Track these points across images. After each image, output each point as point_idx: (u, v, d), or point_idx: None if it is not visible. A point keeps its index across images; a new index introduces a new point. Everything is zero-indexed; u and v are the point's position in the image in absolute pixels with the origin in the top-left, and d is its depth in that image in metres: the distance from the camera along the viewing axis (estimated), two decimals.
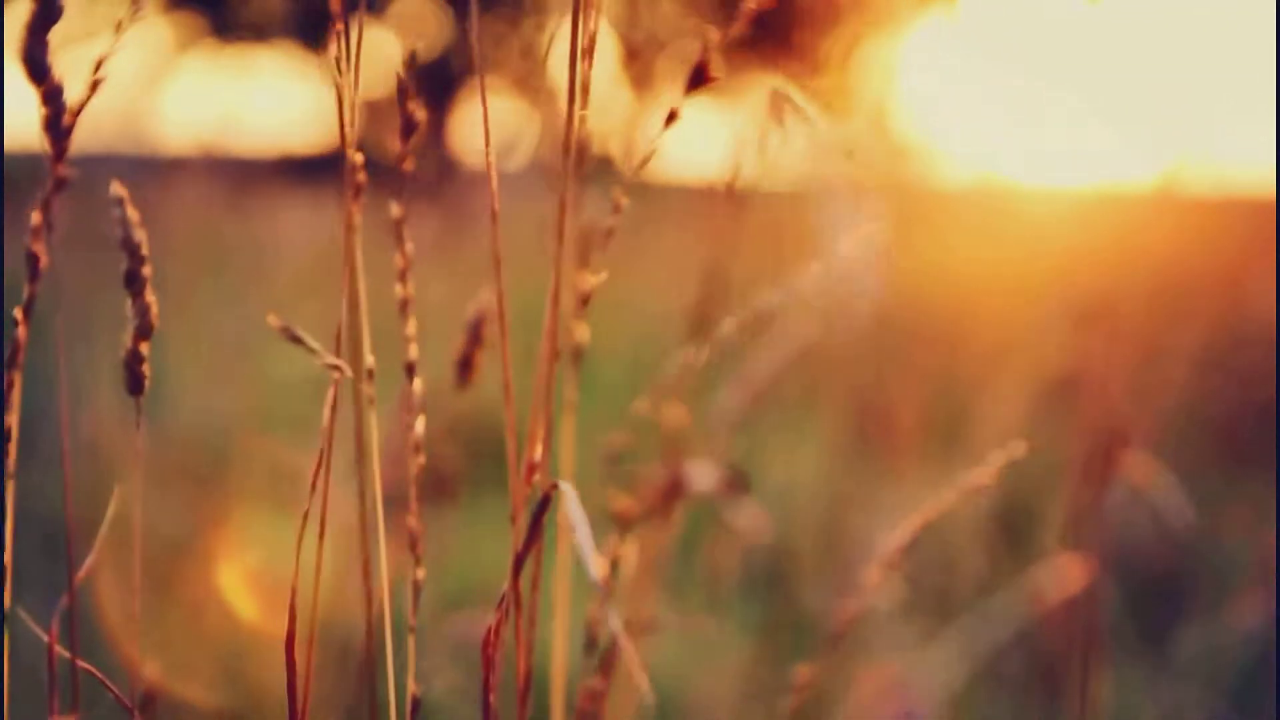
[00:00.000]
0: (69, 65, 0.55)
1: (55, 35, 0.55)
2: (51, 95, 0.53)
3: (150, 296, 0.56)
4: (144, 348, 0.57)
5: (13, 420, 0.58)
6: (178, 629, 1.56)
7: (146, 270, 0.56)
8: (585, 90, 0.58)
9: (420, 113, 0.58)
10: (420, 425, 0.60)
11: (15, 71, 0.54)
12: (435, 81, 8.02)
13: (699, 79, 0.57)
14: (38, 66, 0.52)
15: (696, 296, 0.68)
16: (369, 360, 0.59)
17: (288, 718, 0.60)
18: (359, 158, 0.58)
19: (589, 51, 0.58)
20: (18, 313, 0.56)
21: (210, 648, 1.53)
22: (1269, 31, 2.27)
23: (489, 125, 0.60)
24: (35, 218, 0.54)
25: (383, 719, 0.61)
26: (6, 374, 0.57)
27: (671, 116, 0.58)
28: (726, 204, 0.66)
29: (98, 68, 0.54)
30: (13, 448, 0.58)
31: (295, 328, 0.56)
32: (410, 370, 0.61)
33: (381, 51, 8.67)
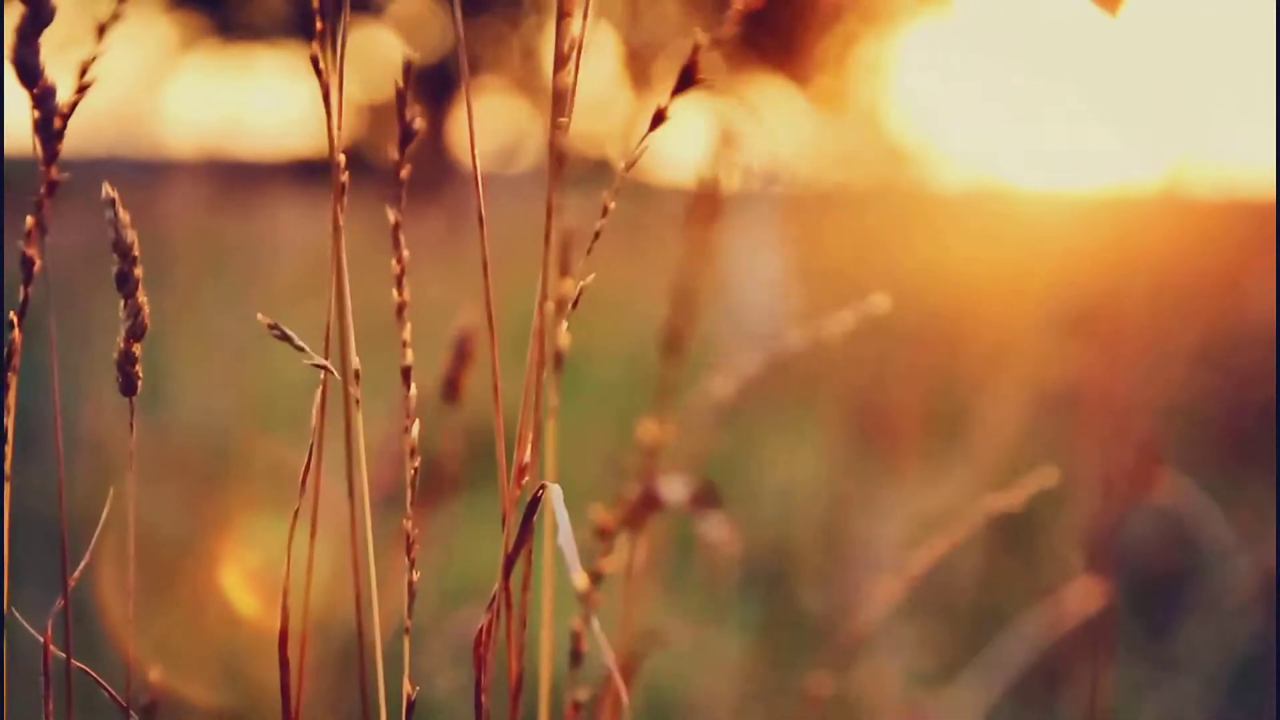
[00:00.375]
0: (71, 67, 0.56)
1: (56, 37, 0.55)
2: (42, 98, 0.54)
3: (142, 298, 0.56)
4: (136, 349, 0.57)
5: (9, 422, 0.58)
6: (176, 627, 1.56)
7: (138, 271, 0.56)
8: (563, 98, 0.58)
9: (419, 122, 0.58)
10: (415, 430, 0.60)
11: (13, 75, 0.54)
12: (434, 83, 8.02)
13: (687, 80, 0.56)
14: (28, 70, 0.53)
15: (666, 316, 0.67)
16: (355, 362, 0.59)
17: (282, 715, 0.60)
18: (342, 159, 0.58)
19: (567, 58, 0.57)
20: (12, 315, 0.56)
21: (208, 645, 1.53)
22: (1269, 32, 2.27)
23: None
24: (28, 221, 0.55)
25: None
26: (2, 376, 0.57)
27: (659, 118, 0.57)
28: (700, 212, 0.65)
29: (84, 71, 0.54)
30: (9, 449, 0.58)
31: (283, 326, 0.56)
32: (406, 375, 0.60)
33: (382, 53, 8.68)
